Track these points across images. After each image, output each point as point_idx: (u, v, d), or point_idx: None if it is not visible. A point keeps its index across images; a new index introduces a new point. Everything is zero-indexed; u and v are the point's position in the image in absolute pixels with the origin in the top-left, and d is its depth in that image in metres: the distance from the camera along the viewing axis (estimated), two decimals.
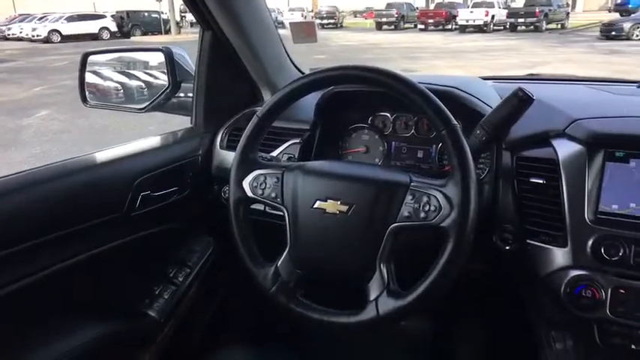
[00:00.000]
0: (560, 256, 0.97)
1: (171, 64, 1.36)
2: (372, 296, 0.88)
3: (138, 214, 1.16)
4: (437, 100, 0.88)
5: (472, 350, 1.55)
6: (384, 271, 0.89)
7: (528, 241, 1.01)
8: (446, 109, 0.87)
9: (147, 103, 1.42)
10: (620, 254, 0.91)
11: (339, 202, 0.91)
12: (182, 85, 1.40)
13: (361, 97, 1.23)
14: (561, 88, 1.38)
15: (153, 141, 1.30)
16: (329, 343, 1.65)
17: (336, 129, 1.32)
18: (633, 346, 0.93)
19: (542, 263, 0.99)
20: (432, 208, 0.85)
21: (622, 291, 0.91)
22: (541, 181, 1.01)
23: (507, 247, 1.04)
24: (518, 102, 0.94)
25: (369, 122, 1.30)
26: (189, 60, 1.42)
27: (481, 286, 1.33)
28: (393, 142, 1.29)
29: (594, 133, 0.97)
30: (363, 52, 13.68)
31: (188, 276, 1.32)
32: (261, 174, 1.00)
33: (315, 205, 0.93)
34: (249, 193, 1.00)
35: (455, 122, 0.87)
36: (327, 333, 1.53)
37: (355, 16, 38.61)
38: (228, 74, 1.39)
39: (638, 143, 0.95)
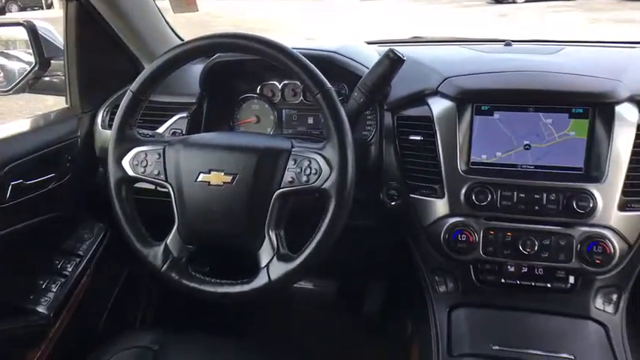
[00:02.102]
0: (439, 206, 1.04)
1: (36, 39, 1.25)
2: (264, 263, 0.89)
3: (9, 205, 1.07)
4: (310, 64, 0.89)
5: (375, 301, 1.64)
6: (273, 237, 0.90)
7: (411, 195, 1.07)
8: (319, 73, 0.88)
9: (13, 84, 1.29)
10: (489, 199, 0.99)
11: (222, 173, 0.90)
12: (54, 62, 1.29)
13: (247, 66, 1.20)
14: (439, 49, 1.45)
15: (21, 125, 1.19)
16: (236, 314, 1.67)
17: (225, 100, 1.29)
18: (503, 280, 1.03)
19: (425, 214, 1.06)
20: (313, 171, 0.87)
21: (491, 232, 1.00)
22: (419, 138, 1.06)
23: (393, 203, 1.09)
24: (390, 63, 0.97)
25: (258, 92, 1.29)
26: (57, 35, 1.31)
27: (376, 241, 1.39)
28: (284, 111, 1.29)
29: (462, 89, 1.03)
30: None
31: (78, 265, 1.25)
32: (142, 151, 0.96)
33: (199, 179, 0.91)
34: (130, 172, 0.96)
35: (329, 85, 0.88)
36: (225, 304, 1.55)
37: None
38: (103, 48, 1.29)
39: (500, 96, 1.03)
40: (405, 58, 0.96)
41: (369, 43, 1.47)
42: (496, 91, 1.04)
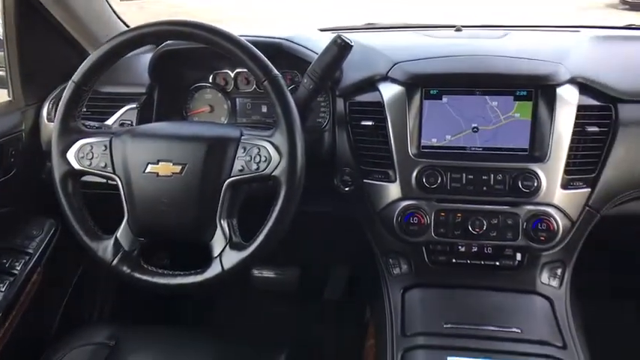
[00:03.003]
0: (391, 190, 1.05)
1: None
2: (216, 252, 0.89)
3: None
4: (256, 51, 0.88)
5: (337, 287, 1.66)
6: (225, 226, 0.90)
7: (365, 180, 1.08)
8: (265, 60, 0.88)
9: None
10: (439, 182, 1.01)
11: (171, 164, 0.89)
12: None
13: (198, 54, 1.18)
14: (392, 35, 1.47)
15: None
16: (198, 306, 1.66)
17: (176, 90, 1.27)
18: (454, 260, 1.06)
19: (378, 199, 1.07)
20: (263, 158, 0.87)
21: (442, 214, 1.02)
22: (370, 124, 1.07)
23: (347, 189, 1.10)
24: (338, 49, 0.97)
25: (210, 80, 1.27)
26: None
27: (334, 227, 1.41)
28: (237, 99, 1.27)
29: (411, 74, 1.05)
30: None
31: (27, 263, 1.21)
32: (87, 143, 0.94)
33: (148, 170, 0.90)
34: (76, 165, 0.93)
35: (276, 72, 0.88)
36: (186, 296, 1.54)
37: None
38: (46, 38, 1.25)
39: (448, 80, 1.05)
40: (352, 44, 0.97)
41: (322, 30, 1.47)
42: (444, 75, 1.06)
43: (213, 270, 0.89)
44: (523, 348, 0.90)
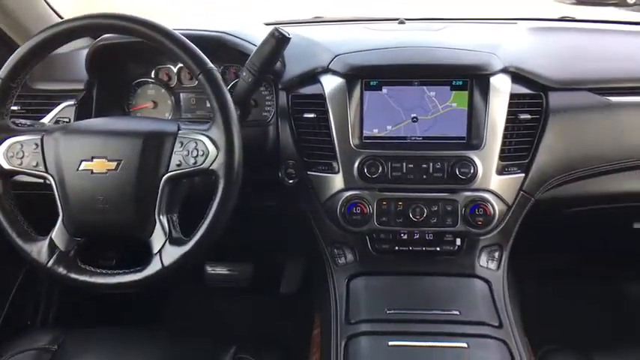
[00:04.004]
0: (335, 181, 1.07)
1: None
2: (156, 249, 0.88)
3: None
4: (190, 44, 0.87)
5: (293, 280, 1.67)
6: (165, 221, 0.89)
7: (308, 172, 1.09)
8: (200, 53, 0.87)
9: None
10: (380, 171, 1.03)
11: (105, 160, 0.87)
12: None
13: (139, 48, 1.16)
14: (337, 28, 1.48)
15: None
16: (149, 305, 1.64)
17: (117, 85, 1.24)
18: (397, 248, 1.08)
19: (322, 190, 1.09)
20: (201, 152, 0.87)
21: (384, 203, 1.05)
22: (313, 116, 1.08)
23: (291, 181, 1.11)
24: (276, 42, 0.97)
25: (152, 76, 1.24)
26: None
27: (282, 220, 1.41)
28: (181, 94, 1.25)
29: (350, 65, 1.06)
30: None
31: None
32: (17, 142, 0.91)
33: (81, 167, 0.88)
34: (6, 165, 0.90)
35: (210, 65, 0.88)
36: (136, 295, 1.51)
37: None
38: None
39: (386, 72, 1.07)
40: (290, 37, 0.97)
41: (268, 24, 1.47)
42: (382, 66, 1.07)
43: (153, 267, 0.88)
44: (462, 329, 0.93)
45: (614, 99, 1.08)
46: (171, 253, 0.87)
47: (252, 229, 1.49)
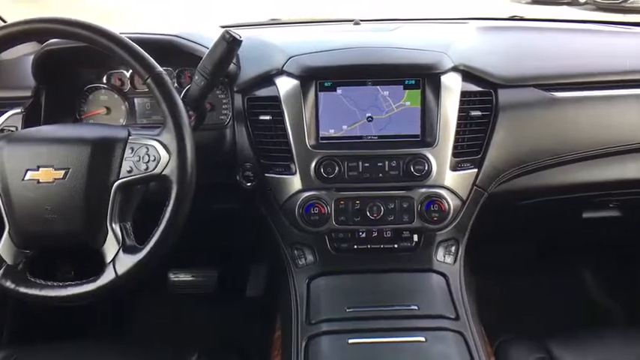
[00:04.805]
0: (292, 182, 1.07)
1: None
2: (109, 258, 0.87)
3: None
4: (137, 48, 0.86)
5: (259, 283, 1.66)
6: (118, 230, 0.87)
7: (266, 175, 1.09)
8: (147, 57, 0.86)
9: None
10: (336, 171, 1.04)
11: (52, 169, 0.85)
12: None
13: (88, 53, 1.13)
14: (293, 29, 1.48)
15: None
16: (112, 316, 1.60)
17: (67, 92, 1.20)
18: (356, 246, 1.09)
19: (280, 192, 1.09)
20: (152, 158, 0.86)
21: (342, 202, 1.06)
22: (268, 118, 1.08)
23: (249, 184, 1.10)
24: (227, 44, 0.96)
25: (104, 81, 1.22)
26: None
27: (243, 224, 1.41)
28: (135, 99, 1.23)
29: (304, 67, 1.06)
30: None
31: None
32: None
33: (27, 177, 0.85)
34: None
35: (159, 69, 0.86)
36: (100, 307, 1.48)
37: None
38: None
39: (340, 72, 1.08)
40: (241, 39, 0.97)
41: (223, 26, 1.46)
42: (336, 67, 1.08)
43: (107, 276, 0.86)
44: (420, 323, 0.95)
45: (558, 94, 1.12)
46: (125, 262, 0.85)
47: (216, 233, 1.48)
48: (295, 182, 1.07)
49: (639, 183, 1.21)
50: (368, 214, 1.05)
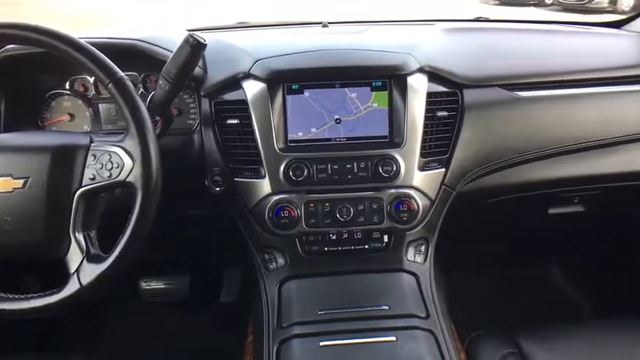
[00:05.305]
0: (262, 186, 1.06)
1: None
2: (73, 268, 0.84)
3: None
4: (97, 53, 0.84)
5: (233, 288, 1.65)
6: (81, 239, 0.85)
7: (235, 179, 1.08)
8: (108, 62, 0.84)
9: None
10: (305, 174, 1.04)
11: (11, 178, 0.83)
12: None
13: (49, 59, 1.10)
14: (261, 33, 1.47)
15: None
16: (81, 327, 1.56)
17: (28, 98, 1.17)
18: (327, 248, 1.09)
19: (250, 196, 1.08)
20: (115, 165, 0.84)
21: (312, 205, 1.05)
22: (236, 122, 1.07)
23: (218, 189, 1.09)
24: (191, 48, 0.95)
25: (67, 87, 1.19)
26: None
27: (214, 229, 1.39)
28: (100, 105, 1.21)
29: (271, 70, 1.06)
30: None
31: None
32: None
33: None
34: None
35: (120, 74, 0.85)
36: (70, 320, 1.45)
37: None
38: None
39: (307, 75, 1.08)
40: (205, 43, 0.96)
41: (190, 30, 1.44)
42: (303, 70, 1.08)
43: (71, 287, 0.83)
44: (391, 323, 0.96)
45: (522, 94, 1.15)
46: (90, 272, 0.83)
47: (186, 240, 1.46)
48: (265, 186, 1.06)
49: (601, 178, 1.25)
50: (338, 216, 1.05)
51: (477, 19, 1.62)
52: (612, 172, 1.24)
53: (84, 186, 0.84)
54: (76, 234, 0.85)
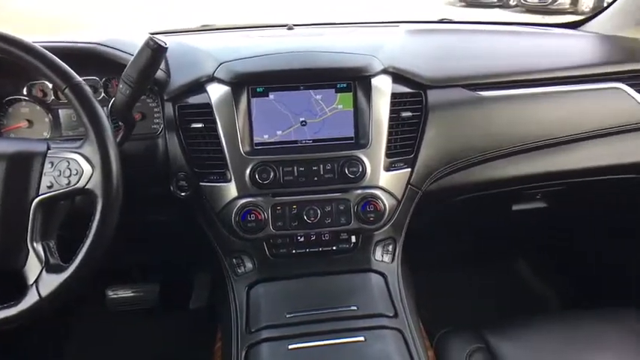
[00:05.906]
0: (228, 190, 1.05)
1: None
2: (31, 279, 0.82)
3: None
4: (52, 57, 0.82)
5: (203, 294, 1.63)
6: (40, 249, 0.83)
7: (201, 183, 1.07)
8: (64, 66, 0.82)
9: None
10: (272, 177, 1.03)
11: None
12: None
13: (3, 64, 1.07)
14: (225, 35, 1.46)
15: None
16: (49, 337, 1.52)
17: None
18: (294, 251, 1.09)
19: (216, 200, 1.07)
20: (74, 172, 0.82)
21: (279, 208, 1.05)
22: (201, 126, 1.06)
23: (184, 194, 1.08)
24: (152, 52, 0.94)
25: (25, 92, 1.15)
26: None
27: (180, 235, 1.37)
28: (60, 111, 1.17)
29: (235, 73, 1.05)
30: None
31: None
32: None
33: None
34: None
35: (77, 79, 0.83)
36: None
37: None
38: None
39: (271, 77, 1.08)
40: (166, 46, 0.94)
41: (153, 33, 1.41)
42: (267, 72, 1.08)
43: (30, 299, 0.81)
44: (359, 323, 0.96)
45: (485, 93, 1.17)
46: (49, 283, 0.81)
47: (153, 246, 1.44)
48: (231, 190, 1.05)
49: (563, 175, 1.28)
50: (305, 218, 1.05)
51: (441, 21, 1.64)
52: (573, 169, 1.28)
53: (41, 194, 0.82)
54: (34, 244, 0.82)
